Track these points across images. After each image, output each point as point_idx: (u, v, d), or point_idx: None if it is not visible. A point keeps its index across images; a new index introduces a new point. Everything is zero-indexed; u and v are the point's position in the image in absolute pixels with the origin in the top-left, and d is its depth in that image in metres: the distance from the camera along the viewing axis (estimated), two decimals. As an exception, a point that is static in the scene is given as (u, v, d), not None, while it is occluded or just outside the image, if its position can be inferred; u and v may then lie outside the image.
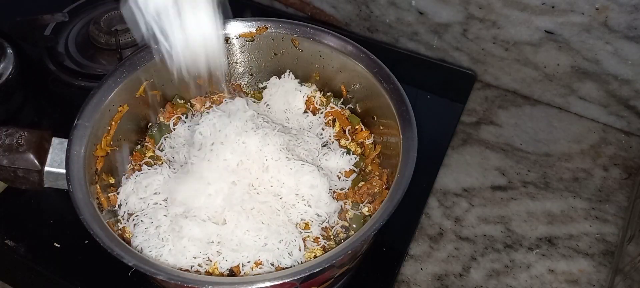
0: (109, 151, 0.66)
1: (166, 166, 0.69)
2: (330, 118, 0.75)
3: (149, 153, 0.72)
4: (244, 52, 0.77)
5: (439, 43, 0.96)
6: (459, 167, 0.84)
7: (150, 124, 0.75)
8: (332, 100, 0.76)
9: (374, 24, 1.01)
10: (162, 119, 0.75)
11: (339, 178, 0.69)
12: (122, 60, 0.74)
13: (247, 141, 0.64)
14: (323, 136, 0.74)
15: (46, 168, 0.61)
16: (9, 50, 0.87)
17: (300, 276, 0.52)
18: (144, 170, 0.69)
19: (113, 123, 0.68)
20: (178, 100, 0.76)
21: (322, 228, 0.64)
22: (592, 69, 0.85)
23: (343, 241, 0.60)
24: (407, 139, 0.62)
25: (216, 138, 0.65)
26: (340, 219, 0.66)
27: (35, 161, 0.60)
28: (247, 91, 0.80)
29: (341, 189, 0.68)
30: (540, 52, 0.88)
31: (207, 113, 0.69)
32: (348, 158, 0.70)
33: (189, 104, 0.77)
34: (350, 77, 0.73)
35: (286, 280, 0.52)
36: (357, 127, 0.74)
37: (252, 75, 0.80)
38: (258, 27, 0.74)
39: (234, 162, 0.63)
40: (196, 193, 0.62)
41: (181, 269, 0.59)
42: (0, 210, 0.76)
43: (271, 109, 0.76)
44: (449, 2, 0.89)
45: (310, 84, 0.77)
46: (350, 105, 0.76)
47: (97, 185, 0.63)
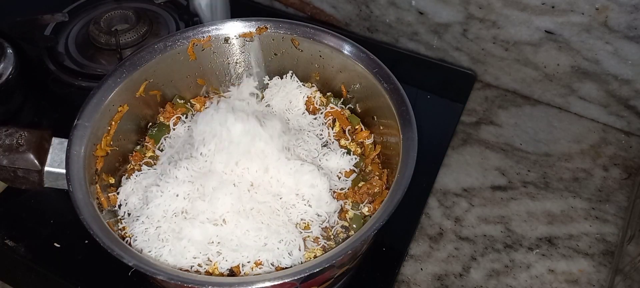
0: (109, 151, 0.66)
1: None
2: (330, 118, 0.75)
3: (149, 154, 0.72)
4: (244, 52, 0.77)
5: (439, 43, 0.96)
6: (459, 167, 0.84)
7: (150, 124, 0.75)
8: (332, 100, 0.76)
9: (374, 24, 1.01)
10: (162, 119, 0.75)
11: (339, 178, 0.69)
12: (122, 60, 0.73)
13: (247, 141, 0.64)
14: (323, 136, 0.74)
15: (46, 169, 0.61)
16: (9, 50, 0.87)
17: (300, 276, 0.52)
18: (144, 170, 0.69)
19: (113, 123, 0.68)
20: (178, 100, 0.76)
21: (322, 228, 0.64)
22: (592, 69, 0.85)
23: (343, 241, 0.60)
24: (407, 139, 0.62)
25: (214, 136, 0.65)
26: (340, 219, 0.66)
27: (35, 161, 0.60)
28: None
29: (341, 189, 0.68)
30: (540, 52, 0.88)
31: (209, 106, 0.69)
32: (348, 159, 0.70)
33: (189, 104, 0.77)
34: (350, 77, 0.73)
35: (286, 280, 0.52)
36: (357, 127, 0.74)
37: (252, 75, 0.79)
38: (258, 27, 0.74)
39: (233, 161, 0.63)
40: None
41: (181, 269, 0.59)
42: (0, 210, 0.76)
43: (272, 109, 0.76)
44: (449, 2, 0.89)
45: (311, 84, 0.78)
46: (350, 105, 0.76)
47: (97, 185, 0.63)
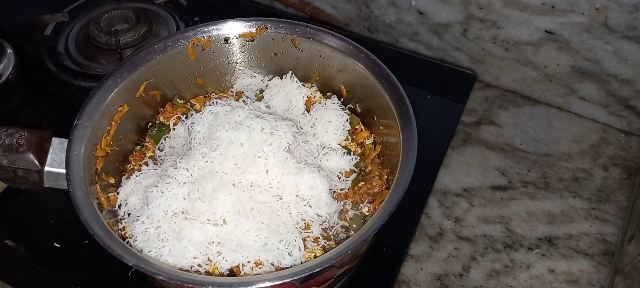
0: (109, 151, 0.66)
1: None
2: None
3: (149, 154, 0.72)
4: (244, 52, 0.77)
5: (439, 43, 0.96)
6: (459, 167, 0.84)
7: (150, 124, 0.75)
8: (332, 100, 0.76)
9: (374, 24, 1.01)
10: (162, 119, 0.75)
11: (339, 179, 0.69)
12: (122, 60, 0.73)
13: (246, 141, 0.64)
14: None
15: (46, 168, 0.61)
16: (9, 50, 0.87)
17: (300, 276, 0.52)
18: (144, 170, 0.69)
19: (113, 123, 0.67)
20: (178, 100, 0.76)
21: (322, 228, 0.64)
22: (592, 69, 0.85)
23: (343, 241, 0.60)
24: (407, 139, 0.62)
25: (214, 137, 0.65)
26: (340, 219, 0.66)
27: (35, 161, 0.60)
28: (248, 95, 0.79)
29: (341, 189, 0.68)
30: (540, 52, 0.88)
31: (210, 105, 0.69)
32: (348, 159, 0.70)
33: (189, 104, 0.77)
34: (350, 77, 0.73)
35: (286, 280, 0.52)
36: (357, 127, 0.74)
37: (252, 76, 0.79)
38: (258, 27, 0.74)
39: (233, 162, 0.63)
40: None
41: (181, 269, 0.59)
42: (0, 210, 0.76)
43: (272, 109, 0.76)
44: (449, 2, 0.89)
45: (311, 84, 0.77)
46: (350, 105, 0.76)
47: (97, 185, 0.63)
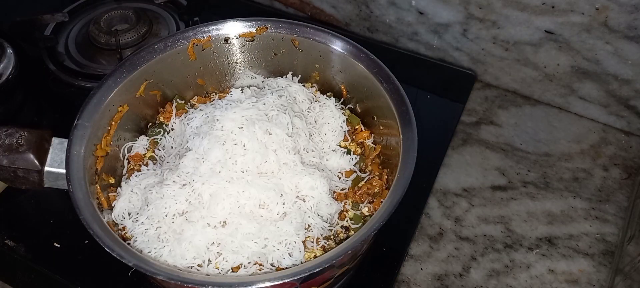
0: (109, 151, 0.66)
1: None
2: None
3: (149, 154, 0.72)
4: (244, 52, 0.77)
5: (439, 43, 0.96)
6: (459, 167, 0.84)
7: (150, 124, 0.75)
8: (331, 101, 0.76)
9: (374, 24, 1.01)
10: (162, 119, 0.75)
11: (339, 179, 0.69)
12: (122, 60, 0.73)
13: (247, 141, 0.64)
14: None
15: (46, 168, 0.61)
16: (9, 50, 0.87)
17: (300, 276, 0.52)
18: (144, 171, 0.68)
19: (113, 123, 0.67)
20: (178, 100, 0.76)
21: (322, 229, 0.64)
22: (592, 69, 0.85)
23: (343, 241, 0.60)
24: (407, 139, 0.62)
25: (212, 137, 0.65)
26: (340, 219, 0.66)
27: (35, 161, 0.60)
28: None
29: (342, 189, 0.68)
30: (540, 52, 0.88)
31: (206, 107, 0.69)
32: (348, 158, 0.70)
33: (188, 104, 0.77)
34: (350, 77, 0.73)
35: (286, 280, 0.52)
36: (357, 127, 0.74)
37: (252, 76, 0.79)
38: (258, 27, 0.74)
39: (232, 162, 0.63)
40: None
41: (181, 268, 0.59)
42: (0, 210, 0.76)
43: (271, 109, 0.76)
44: (449, 2, 0.89)
45: (311, 84, 0.77)
46: (350, 105, 0.76)
47: (97, 185, 0.63)
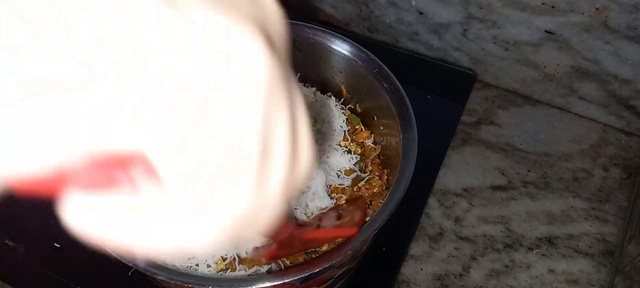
0: (109, 151, 0.66)
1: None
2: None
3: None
4: (244, 52, 0.77)
5: (439, 43, 0.96)
6: (459, 167, 0.84)
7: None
8: (332, 100, 0.76)
9: (374, 24, 1.01)
10: (162, 118, 0.74)
11: (338, 176, 0.69)
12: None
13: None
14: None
15: (46, 169, 0.61)
16: (9, 50, 0.87)
17: (300, 276, 0.52)
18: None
19: (113, 123, 0.67)
20: (178, 100, 0.76)
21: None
22: (592, 69, 0.85)
23: (343, 241, 0.60)
24: (407, 139, 0.62)
25: None
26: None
27: (35, 161, 0.60)
28: None
29: (340, 185, 0.67)
30: (540, 52, 0.88)
31: None
32: (349, 157, 0.70)
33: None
34: (350, 77, 0.73)
35: (286, 280, 0.52)
36: (357, 127, 0.74)
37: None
38: (258, 27, 0.74)
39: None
40: None
41: (180, 269, 0.59)
42: (0, 210, 0.76)
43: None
44: (449, 2, 0.89)
45: (311, 84, 0.77)
46: (350, 105, 0.76)
47: (97, 185, 0.63)
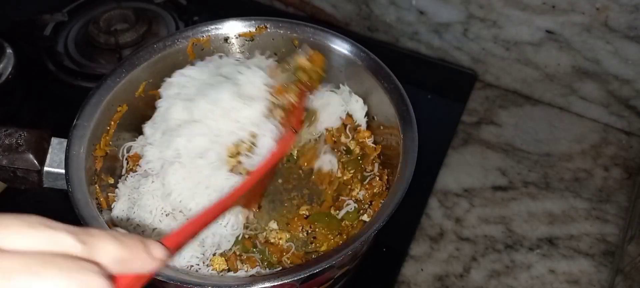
0: (109, 151, 0.66)
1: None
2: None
3: (149, 154, 0.72)
4: (243, 52, 0.77)
5: (440, 43, 0.96)
6: (459, 167, 0.84)
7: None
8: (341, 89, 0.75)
9: (374, 24, 1.00)
10: (161, 118, 0.74)
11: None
12: (121, 59, 0.73)
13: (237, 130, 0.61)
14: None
15: (45, 169, 0.61)
16: (9, 50, 0.87)
17: (300, 276, 0.52)
18: (139, 171, 0.68)
19: (112, 123, 0.67)
20: (178, 100, 0.76)
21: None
22: (593, 69, 0.85)
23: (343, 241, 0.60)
24: (407, 139, 0.62)
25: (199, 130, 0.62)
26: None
27: (35, 161, 0.60)
28: None
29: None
30: (540, 52, 0.88)
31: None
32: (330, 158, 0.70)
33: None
34: (350, 76, 0.73)
35: (286, 281, 0.52)
36: (357, 126, 0.74)
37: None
38: (258, 26, 0.74)
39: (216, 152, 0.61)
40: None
41: (180, 269, 0.58)
42: (0, 210, 0.76)
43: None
44: (450, 2, 0.89)
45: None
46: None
47: (97, 185, 0.63)
